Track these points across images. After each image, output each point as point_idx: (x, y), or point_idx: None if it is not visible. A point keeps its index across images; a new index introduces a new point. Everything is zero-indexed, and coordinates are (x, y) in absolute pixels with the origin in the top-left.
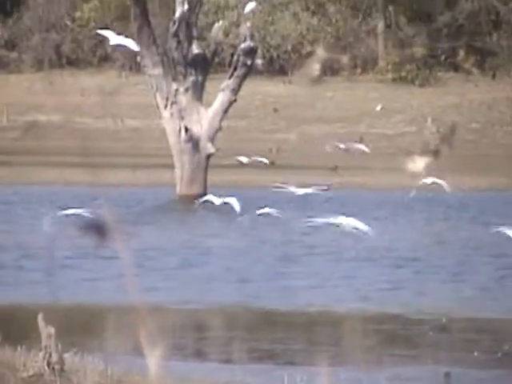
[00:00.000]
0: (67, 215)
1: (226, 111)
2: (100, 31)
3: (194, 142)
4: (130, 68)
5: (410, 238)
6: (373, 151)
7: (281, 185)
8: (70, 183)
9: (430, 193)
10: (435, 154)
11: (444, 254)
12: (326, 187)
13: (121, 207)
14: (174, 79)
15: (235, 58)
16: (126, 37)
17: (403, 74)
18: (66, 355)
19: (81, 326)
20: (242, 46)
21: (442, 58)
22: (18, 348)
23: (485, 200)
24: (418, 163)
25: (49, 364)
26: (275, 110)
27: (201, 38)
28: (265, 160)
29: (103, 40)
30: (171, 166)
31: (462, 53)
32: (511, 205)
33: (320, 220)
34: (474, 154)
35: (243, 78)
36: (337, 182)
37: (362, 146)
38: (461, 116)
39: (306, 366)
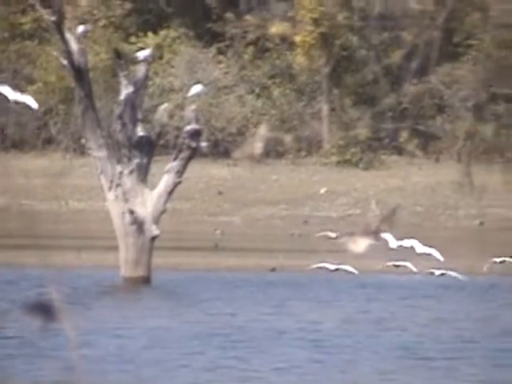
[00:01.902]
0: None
1: (170, 193)
2: None
3: (138, 225)
4: (75, 150)
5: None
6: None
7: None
8: (14, 265)
9: (371, 276)
10: (376, 235)
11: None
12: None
13: (65, 289)
14: (119, 161)
15: (180, 140)
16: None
17: (347, 156)
18: None
19: None
20: (187, 128)
21: (386, 141)
22: None
23: (426, 282)
24: (360, 245)
25: None
26: (220, 193)
27: (146, 121)
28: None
29: (47, 122)
30: (116, 248)
31: (405, 136)
32: (449, 288)
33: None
34: (417, 238)
35: (188, 160)
36: (281, 265)
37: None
38: (405, 199)
39: None
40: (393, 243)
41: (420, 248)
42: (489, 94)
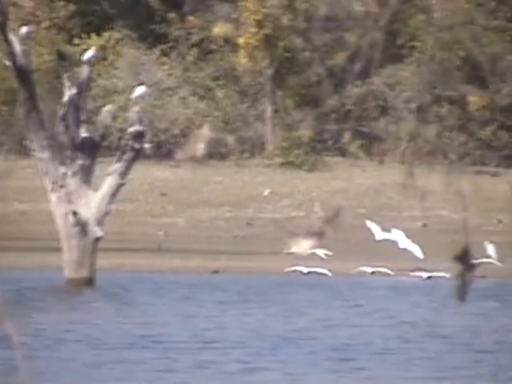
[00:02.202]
0: None
1: (114, 195)
2: None
3: (81, 226)
4: (18, 151)
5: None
6: (261, 235)
7: None
8: None
9: (316, 277)
10: (320, 237)
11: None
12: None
13: (5, 290)
14: (62, 163)
15: (123, 141)
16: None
17: (291, 158)
18: None
19: None
20: (130, 130)
21: (330, 142)
22: None
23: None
24: (303, 246)
25: None
26: (163, 194)
27: (89, 122)
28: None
29: None
30: (59, 250)
31: (349, 138)
32: (386, 289)
33: None
34: (360, 240)
35: (131, 161)
36: (224, 267)
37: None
38: (348, 201)
39: None
40: (378, 235)
41: (403, 242)
42: (432, 95)
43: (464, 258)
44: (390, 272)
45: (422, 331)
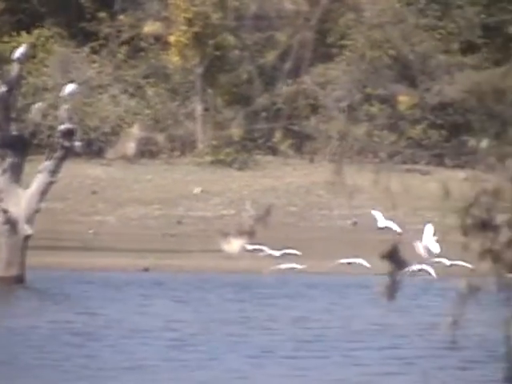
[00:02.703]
0: None
1: (44, 193)
2: None
3: (11, 224)
4: None
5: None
6: (191, 234)
7: None
8: None
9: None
10: (250, 235)
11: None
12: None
13: None
14: None
15: (53, 139)
16: None
17: (222, 157)
18: None
19: None
20: (61, 127)
21: (260, 141)
22: None
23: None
24: (234, 245)
25: None
26: (94, 192)
27: (19, 120)
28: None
29: None
30: None
31: (279, 136)
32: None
33: None
34: (292, 238)
35: (62, 159)
36: (155, 265)
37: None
38: (279, 199)
39: None
40: (381, 222)
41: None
42: (363, 94)
43: (393, 257)
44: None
45: (349, 329)
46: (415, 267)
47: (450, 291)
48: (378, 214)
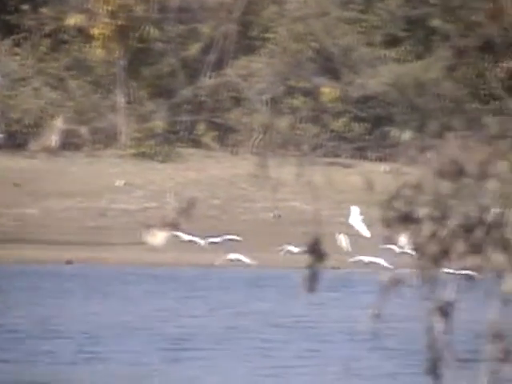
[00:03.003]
0: None
1: None
2: None
3: None
4: None
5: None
6: (114, 226)
7: None
8: None
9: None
10: (174, 228)
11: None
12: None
13: None
14: None
15: None
16: None
17: (144, 149)
18: None
19: None
20: None
21: (183, 133)
22: None
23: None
24: (158, 237)
25: None
26: (16, 185)
27: None
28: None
29: None
30: None
31: (202, 129)
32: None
33: None
34: (215, 230)
35: None
36: (78, 257)
37: None
38: (202, 192)
39: None
40: (353, 219)
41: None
42: (286, 87)
43: (314, 249)
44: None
45: (264, 321)
46: (365, 259)
47: (374, 284)
48: (355, 210)
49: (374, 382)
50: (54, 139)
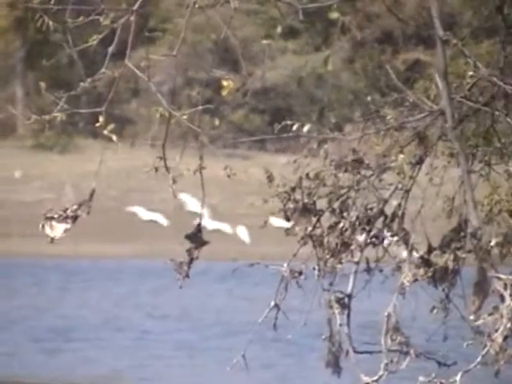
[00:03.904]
0: None
1: None
2: None
3: None
4: None
5: None
6: (12, 218)
7: None
8: None
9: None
10: (73, 220)
11: None
12: None
13: None
14: None
15: None
16: None
17: (42, 140)
18: None
19: None
20: None
21: (81, 125)
22: None
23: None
24: (56, 229)
25: None
26: None
27: None
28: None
29: None
30: None
31: (101, 120)
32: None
33: None
34: (111, 223)
35: None
36: None
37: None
38: (100, 183)
39: None
40: (191, 206)
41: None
42: (185, 78)
43: (195, 236)
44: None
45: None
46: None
47: (272, 276)
48: (187, 198)
49: (251, 373)
50: None
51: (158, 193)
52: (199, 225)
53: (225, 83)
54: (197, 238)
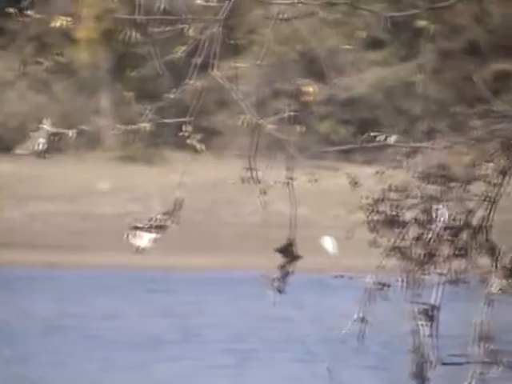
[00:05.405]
0: None
1: None
2: None
3: None
4: None
5: None
6: (99, 230)
7: None
8: None
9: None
10: (159, 229)
11: None
12: None
13: None
14: None
15: None
16: None
17: (129, 152)
18: None
19: None
20: None
21: (168, 136)
22: None
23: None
24: (142, 239)
25: None
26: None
27: None
28: None
29: None
30: None
31: (188, 131)
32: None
33: None
34: (200, 234)
35: None
36: (61, 261)
37: None
38: (187, 195)
39: None
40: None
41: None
42: (271, 89)
43: (286, 250)
44: None
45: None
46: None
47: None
48: (327, 241)
49: None
50: (39, 143)
51: (246, 205)
52: (291, 238)
53: (308, 89)
54: (288, 251)
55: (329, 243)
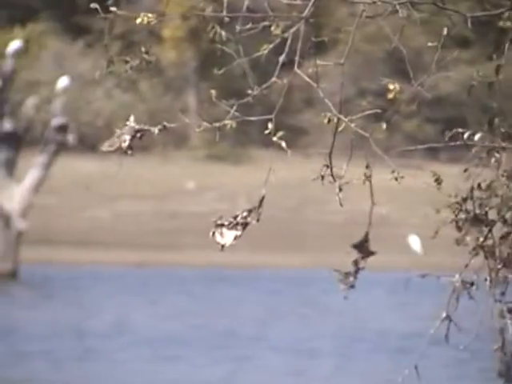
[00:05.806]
0: None
1: (37, 187)
2: None
3: (4, 219)
4: None
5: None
6: (185, 229)
7: None
8: None
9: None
10: (243, 227)
11: None
12: None
13: None
14: None
15: (46, 134)
16: None
17: (215, 151)
18: None
19: None
20: (53, 122)
21: (254, 135)
22: None
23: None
24: (227, 237)
25: None
26: (87, 187)
27: (13, 115)
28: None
29: None
30: None
31: (273, 130)
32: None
33: None
34: (287, 232)
35: (54, 154)
36: (148, 260)
37: None
38: (273, 193)
39: None
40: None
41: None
42: (357, 88)
43: (362, 246)
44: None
45: None
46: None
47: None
48: (414, 240)
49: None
50: (125, 141)
51: (330, 204)
52: (367, 234)
53: (391, 86)
54: (364, 247)
55: (415, 242)
